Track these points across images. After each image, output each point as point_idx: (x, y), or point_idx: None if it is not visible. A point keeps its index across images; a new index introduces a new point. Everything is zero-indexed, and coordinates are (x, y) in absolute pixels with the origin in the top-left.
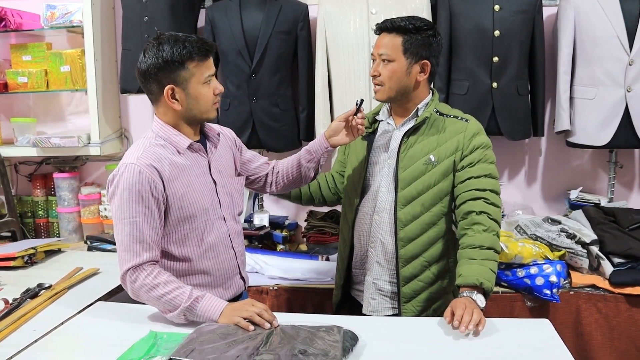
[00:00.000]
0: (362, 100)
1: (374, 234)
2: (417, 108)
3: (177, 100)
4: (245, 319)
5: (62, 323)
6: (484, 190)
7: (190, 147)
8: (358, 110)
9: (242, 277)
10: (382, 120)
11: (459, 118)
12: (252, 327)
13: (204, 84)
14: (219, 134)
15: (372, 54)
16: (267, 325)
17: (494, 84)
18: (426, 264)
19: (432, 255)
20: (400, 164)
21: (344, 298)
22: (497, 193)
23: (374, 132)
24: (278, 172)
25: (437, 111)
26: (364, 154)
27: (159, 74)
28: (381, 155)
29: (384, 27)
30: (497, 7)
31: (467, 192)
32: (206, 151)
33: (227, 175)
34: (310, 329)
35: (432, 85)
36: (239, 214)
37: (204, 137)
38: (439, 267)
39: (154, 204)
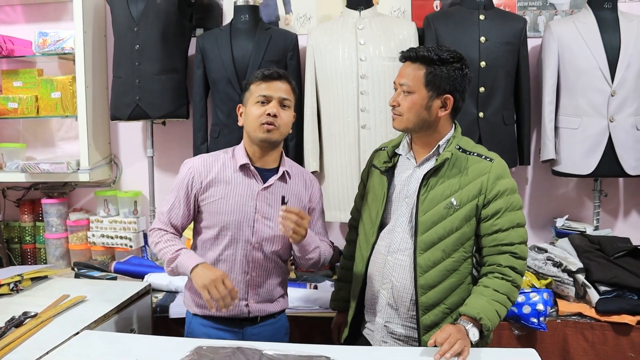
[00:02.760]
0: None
1: (386, 275)
2: (439, 145)
3: (241, 117)
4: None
5: (47, 352)
6: (512, 244)
7: (244, 168)
8: (283, 203)
9: (247, 306)
10: (401, 155)
11: (483, 157)
12: (214, 308)
13: (256, 103)
14: (289, 175)
15: (394, 82)
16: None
17: (481, 114)
18: (448, 311)
19: (453, 302)
20: (421, 207)
21: (353, 335)
22: (525, 242)
23: (394, 166)
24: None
25: (460, 148)
26: (383, 191)
27: (243, 95)
28: (400, 193)
29: (408, 56)
30: (482, 39)
31: (495, 247)
32: (263, 180)
33: (274, 211)
34: (297, 358)
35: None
36: (277, 254)
37: (278, 168)
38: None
39: (183, 195)
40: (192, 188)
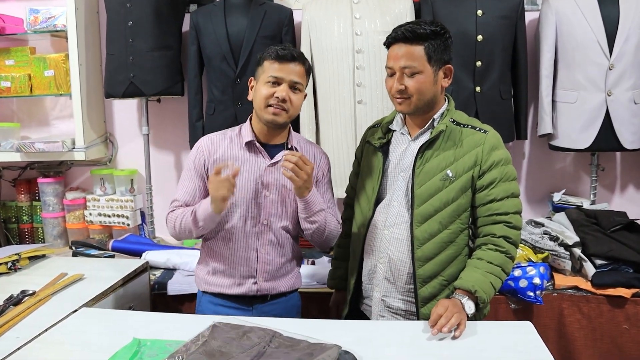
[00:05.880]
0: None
1: (383, 249)
2: (433, 119)
3: (251, 90)
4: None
5: (46, 330)
6: (507, 213)
7: (250, 144)
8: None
9: (256, 283)
10: (395, 130)
11: (477, 129)
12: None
13: (267, 83)
14: (292, 148)
15: (389, 67)
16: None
17: (478, 88)
18: (445, 283)
19: (451, 274)
20: (416, 179)
21: (353, 312)
22: (520, 213)
23: (388, 142)
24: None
25: (454, 121)
26: (379, 166)
27: (256, 67)
28: (395, 167)
29: (401, 37)
30: (479, 12)
31: (489, 217)
32: (270, 156)
33: (281, 187)
34: (307, 347)
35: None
36: (285, 229)
37: (286, 144)
38: None
39: (195, 176)
40: (203, 167)
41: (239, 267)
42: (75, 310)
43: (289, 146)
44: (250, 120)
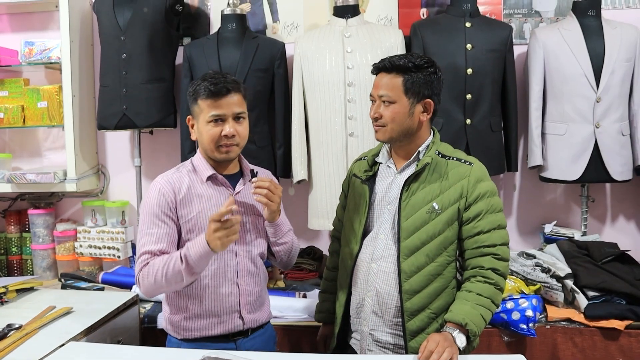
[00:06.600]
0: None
1: (370, 282)
2: (419, 151)
3: (192, 129)
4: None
5: None
6: (494, 245)
7: (211, 179)
8: (253, 176)
9: (241, 317)
10: (381, 163)
11: (462, 161)
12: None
13: (209, 123)
14: (255, 173)
15: (370, 95)
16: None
17: (468, 121)
18: (433, 316)
19: (438, 307)
20: (403, 212)
21: (341, 346)
22: (507, 244)
23: (374, 175)
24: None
25: (439, 153)
26: (365, 199)
27: (189, 104)
28: (382, 200)
29: (382, 67)
30: (469, 46)
31: (476, 249)
32: (233, 186)
33: (250, 214)
34: None
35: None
36: (260, 256)
37: (240, 172)
38: None
39: (163, 216)
40: (170, 209)
41: (222, 304)
42: (63, 345)
43: (254, 172)
44: (201, 155)
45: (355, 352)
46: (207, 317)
